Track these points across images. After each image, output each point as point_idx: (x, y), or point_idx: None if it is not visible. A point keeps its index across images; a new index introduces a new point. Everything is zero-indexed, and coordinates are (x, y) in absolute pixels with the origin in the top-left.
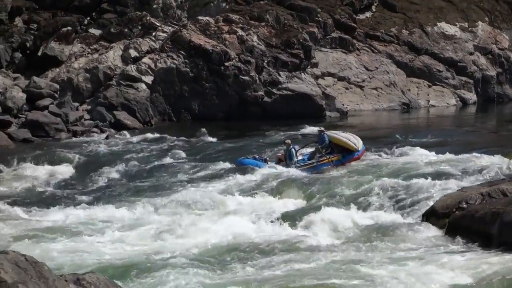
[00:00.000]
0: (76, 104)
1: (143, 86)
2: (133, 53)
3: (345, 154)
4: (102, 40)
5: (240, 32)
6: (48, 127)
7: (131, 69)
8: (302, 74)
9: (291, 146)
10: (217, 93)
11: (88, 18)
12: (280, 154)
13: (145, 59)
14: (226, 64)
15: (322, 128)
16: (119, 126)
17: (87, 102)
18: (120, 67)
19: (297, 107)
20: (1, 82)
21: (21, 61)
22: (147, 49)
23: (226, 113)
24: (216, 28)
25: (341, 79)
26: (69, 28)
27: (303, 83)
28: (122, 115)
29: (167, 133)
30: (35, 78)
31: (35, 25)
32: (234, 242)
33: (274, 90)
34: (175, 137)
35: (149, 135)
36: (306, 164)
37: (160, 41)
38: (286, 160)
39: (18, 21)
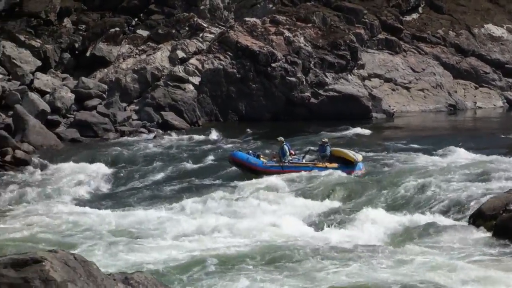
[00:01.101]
0: (124, 104)
1: (191, 87)
2: (180, 54)
3: (343, 166)
4: (149, 41)
5: (286, 33)
6: (96, 127)
7: (179, 70)
8: (349, 75)
9: (284, 143)
10: (264, 94)
11: (136, 19)
12: (274, 153)
13: (193, 60)
14: (273, 65)
15: (326, 140)
16: (166, 126)
17: (134, 103)
18: (168, 68)
19: (343, 109)
20: (50, 83)
21: (69, 62)
22: (194, 50)
23: (272, 114)
24: (263, 29)
25: (387, 80)
26: (117, 29)
27: (350, 84)
28: (170, 116)
29: (214, 134)
30: (83, 79)
31: (84, 26)
32: (281, 243)
33: (321, 91)
34: (222, 138)
35: (196, 136)
36: (301, 163)
37: (207, 42)
38: (279, 157)
39: (67, 22)
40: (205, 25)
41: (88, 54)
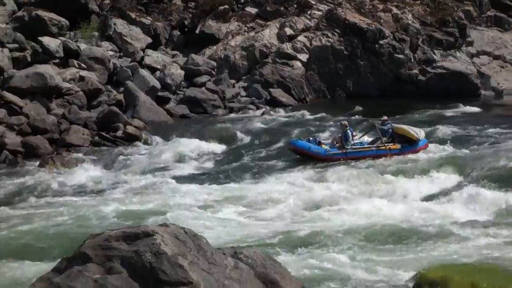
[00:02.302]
0: (233, 81)
1: (299, 64)
2: (288, 31)
3: (406, 145)
4: (258, 18)
5: (395, 10)
6: (206, 103)
7: (287, 47)
8: (457, 52)
9: (348, 128)
10: (371, 71)
11: None
12: (336, 136)
13: (301, 37)
14: (381, 42)
15: (385, 117)
16: (274, 103)
17: (243, 79)
18: (276, 45)
19: (451, 86)
20: (160, 60)
21: (179, 39)
22: (302, 27)
23: (380, 91)
24: (371, 7)
25: (496, 57)
26: (226, 6)
27: (458, 62)
28: (278, 92)
29: (321, 111)
30: (193, 56)
31: (193, 4)
32: (385, 222)
33: (429, 69)
34: (330, 115)
35: (304, 112)
36: (364, 147)
37: (315, 20)
38: (342, 142)
39: (177, 0)
40: (313, 2)
41: (197, 31)
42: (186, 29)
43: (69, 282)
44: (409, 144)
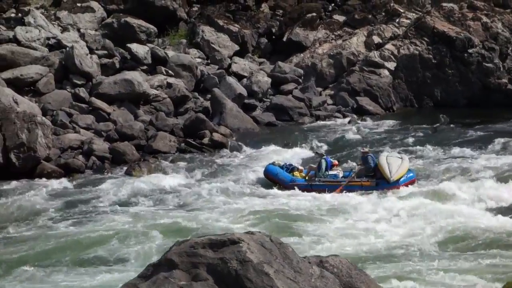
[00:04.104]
0: (319, 89)
1: (386, 72)
2: (376, 39)
3: (383, 181)
4: (346, 26)
5: (484, 19)
6: (292, 111)
7: (374, 55)
8: None
9: (324, 157)
10: (459, 80)
11: (333, 5)
12: (314, 166)
13: (388, 46)
14: (470, 51)
15: (366, 149)
16: (361, 111)
17: (330, 87)
18: (363, 53)
19: None
20: (247, 67)
21: (266, 46)
22: (390, 36)
23: (468, 100)
24: (460, 15)
25: None
26: (314, 14)
27: None
28: (364, 101)
29: (408, 120)
30: (280, 63)
31: (281, 11)
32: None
33: None
34: (416, 124)
35: (391, 122)
36: (334, 181)
37: (404, 28)
38: (316, 172)
39: (265, 7)
40: (401, 10)
41: (284, 39)
42: (273, 37)
43: None
44: (387, 180)
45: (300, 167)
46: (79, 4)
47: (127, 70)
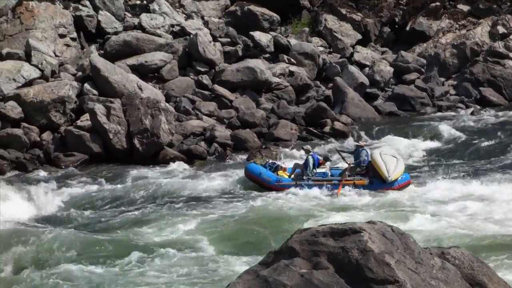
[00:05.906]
0: (442, 79)
1: (510, 63)
2: (501, 29)
3: (378, 181)
4: (470, 16)
5: None
6: (414, 101)
7: (499, 46)
8: None
9: (310, 153)
10: None
11: None
12: (300, 163)
13: None
14: None
15: (362, 143)
16: (484, 102)
17: (452, 78)
18: (488, 43)
19: None
20: (369, 56)
21: (389, 36)
22: None
23: None
24: None
25: None
26: (438, 3)
27: None
28: (488, 91)
29: None
30: (402, 53)
31: (404, 0)
32: None
33: None
34: None
35: None
36: (324, 179)
37: None
38: (303, 169)
39: None
40: None
41: (407, 28)
42: (396, 26)
43: (275, 275)
44: (382, 180)
45: (284, 166)
46: None
47: (250, 58)
